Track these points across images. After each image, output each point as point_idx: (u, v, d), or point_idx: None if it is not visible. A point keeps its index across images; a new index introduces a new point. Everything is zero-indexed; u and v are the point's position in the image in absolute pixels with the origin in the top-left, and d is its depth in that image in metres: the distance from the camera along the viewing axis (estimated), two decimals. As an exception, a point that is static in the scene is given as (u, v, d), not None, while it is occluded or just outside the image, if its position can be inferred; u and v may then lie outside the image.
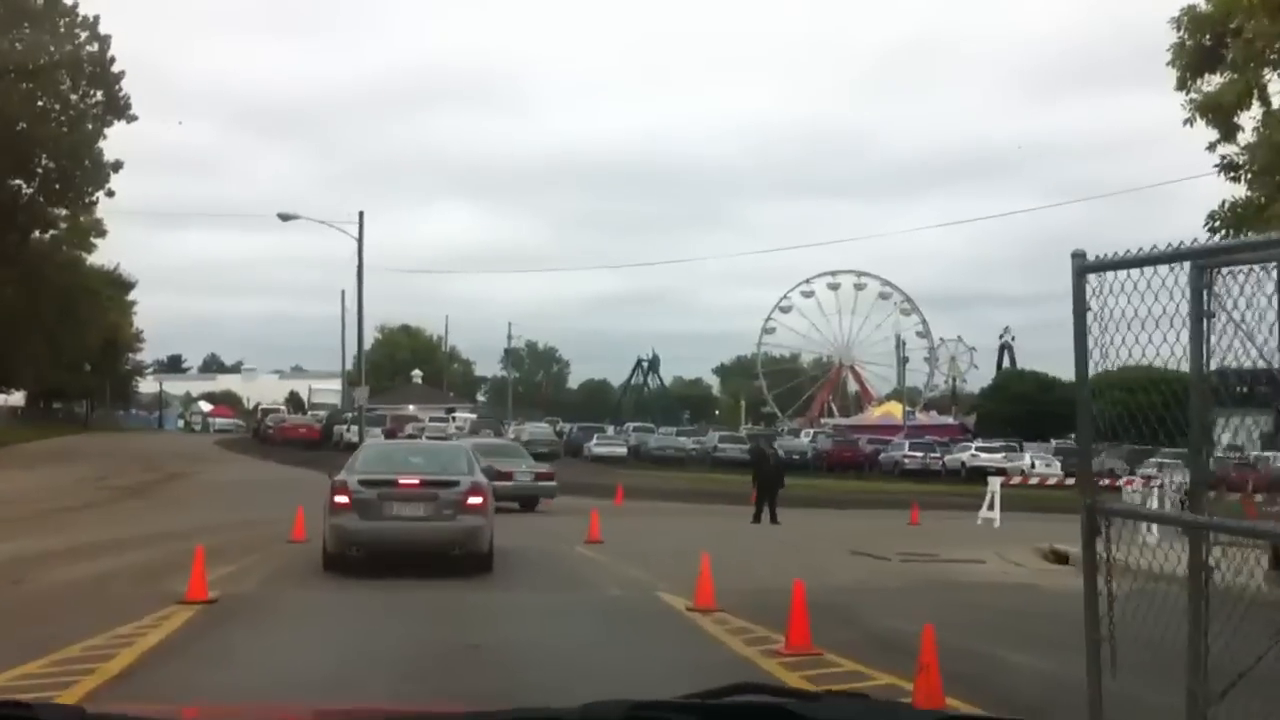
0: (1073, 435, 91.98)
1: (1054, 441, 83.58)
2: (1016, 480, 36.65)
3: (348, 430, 58.36)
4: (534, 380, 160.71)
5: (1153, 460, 62.39)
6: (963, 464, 61.59)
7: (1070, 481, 37.89)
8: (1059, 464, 61.51)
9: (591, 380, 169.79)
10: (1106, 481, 43.49)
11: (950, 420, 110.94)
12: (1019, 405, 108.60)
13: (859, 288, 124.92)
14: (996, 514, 31.72)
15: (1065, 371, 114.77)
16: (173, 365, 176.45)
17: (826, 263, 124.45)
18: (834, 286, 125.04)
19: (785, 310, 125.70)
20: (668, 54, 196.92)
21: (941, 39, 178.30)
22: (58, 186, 52.75)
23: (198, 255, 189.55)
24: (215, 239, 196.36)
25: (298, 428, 63.71)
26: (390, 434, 61.24)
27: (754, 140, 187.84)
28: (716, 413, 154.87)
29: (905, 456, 62.80)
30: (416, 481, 16.53)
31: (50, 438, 67.27)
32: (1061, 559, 20.82)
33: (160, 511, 28.99)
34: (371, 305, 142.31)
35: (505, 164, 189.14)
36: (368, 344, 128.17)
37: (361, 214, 50.13)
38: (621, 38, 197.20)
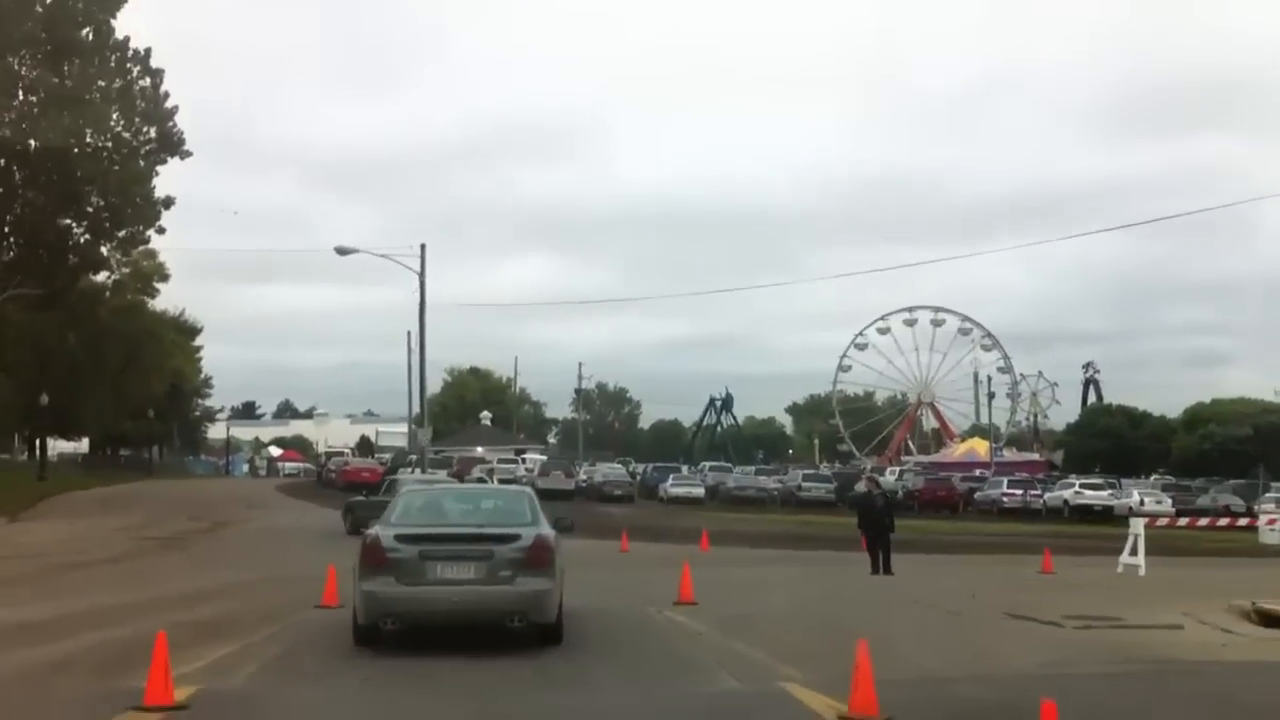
0: (1160, 470, 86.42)
1: (1154, 477, 78.36)
2: (1163, 522, 31.67)
3: (411, 473, 54.78)
4: (605, 422, 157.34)
5: (1270, 495, 57.53)
6: (1065, 502, 56.73)
7: (1222, 522, 33.28)
8: (1169, 501, 56.45)
9: (662, 421, 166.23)
10: (1226, 521, 39.00)
11: (1036, 457, 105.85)
12: (1106, 440, 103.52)
13: (936, 324, 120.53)
14: (1141, 560, 27.08)
15: (1154, 405, 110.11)
16: (246, 412, 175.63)
17: (900, 302, 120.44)
18: (910, 323, 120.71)
19: (861, 347, 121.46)
20: (735, 100, 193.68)
21: (1005, 79, 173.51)
22: (108, 225, 49.74)
23: (278, 306, 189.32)
24: (295, 291, 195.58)
25: (360, 471, 60.10)
26: (458, 476, 57.71)
27: (822, 184, 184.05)
28: (790, 451, 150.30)
29: (1004, 494, 57.93)
30: (466, 535, 13.19)
31: (110, 485, 64.22)
32: (1272, 620, 16.37)
33: (188, 568, 25.24)
34: (442, 351, 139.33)
35: (575, 213, 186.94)
36: (436, 388, 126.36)
37: (423, 246, 46.63)
38: (689, 87, 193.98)
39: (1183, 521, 34.99)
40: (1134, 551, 27.64)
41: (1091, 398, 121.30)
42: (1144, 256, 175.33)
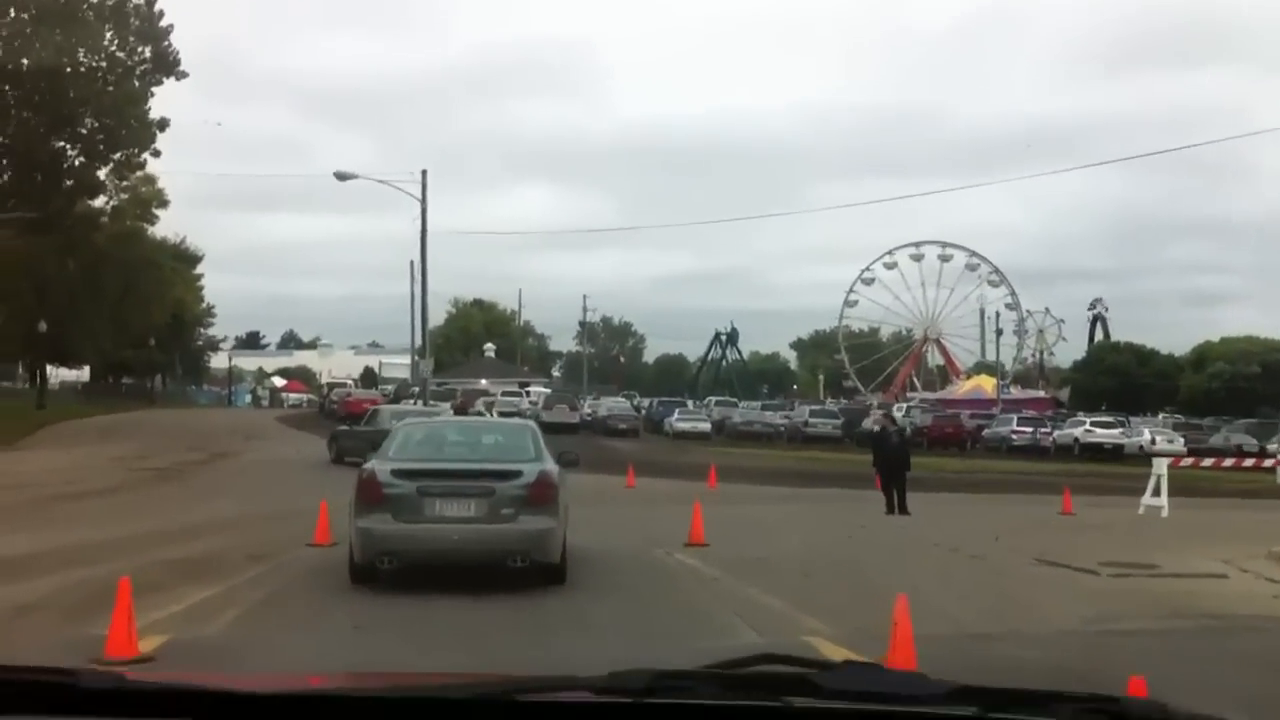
0: (1167, 409, 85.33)
1: (1161, 416, 77.40)
2: (1187, 462, 30.66)
3: (414, 405, 53.80)
4: (609, 355, 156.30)
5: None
6: (1076, 440, 55.76)
7: (1247, 463, 32.33)
8: (1181, 440, 55.50)
9: (667, 355, 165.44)
10: (1252, 461, 37.98)
11: (1042, 394, 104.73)
12: (1114, 378, 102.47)
13: (944, 259, 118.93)
14: (1164, 501, 26.14)
15: (1159, 343, 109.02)
16: (251, 342, 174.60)
17: (902, 238, 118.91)
18: (917, 258, 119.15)
19: (868, 282, 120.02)
20: (736, 35, 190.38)
21: (1008, 13, 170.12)
22: (102, 147, 48.39)
23: (282, 236, 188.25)
24: (299, 221, 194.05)
25: (362, 402, 59.02)
26: (460, 409, 56.52)
27: (822, 118, 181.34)
28: (795, 387, 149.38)
29: (1013, 432, 56.95)
30: (467, 471, 12.77)
31: (111, 414, 63.38)
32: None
33: (182, 501, 24.33)
34: (445, 283, 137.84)
35: (578, 146, 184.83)
36: (440, 320, 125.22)
37: (424, 172, 45.38)
38: (690, 21, 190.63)
39: (1206, 462, 34.04)
40: (1156, 492, 26.70)
41: (1099, 335, 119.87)
42: (1146, 194, 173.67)
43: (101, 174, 51.00)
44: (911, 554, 16.32)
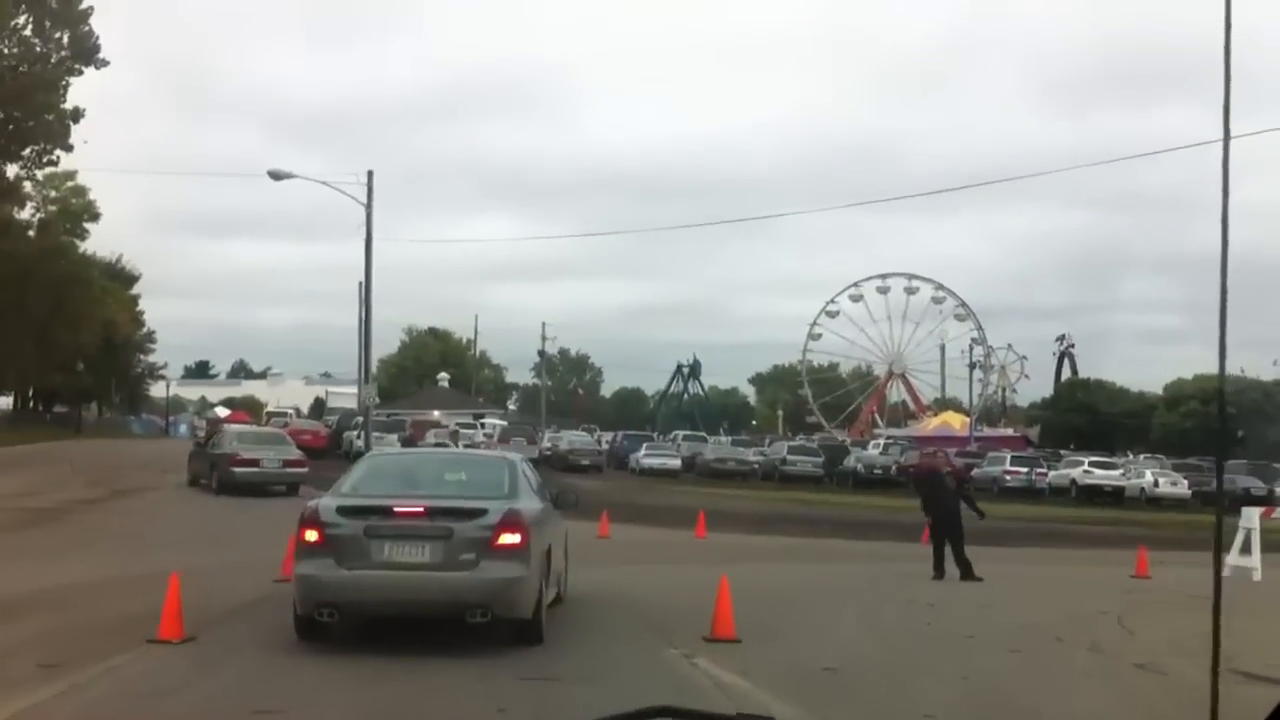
0: (1129, 450, 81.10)
1: (1143, 456, 73.07)
2: (1280, 513, 25.63)
3: (359, 436, 48.28)
4: (566, 388, 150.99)
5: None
6: (1073, 482, 50.96)
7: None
8: (1185, 482, 50.91)
9: (625, 388, 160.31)
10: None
11: (1011, 432, 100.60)
12: (1083, 416, 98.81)
13: (910, 292, 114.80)
14: (1256, 561, 21.15)
15: (1126, 380, 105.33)
16: (200, 371, 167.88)
17: (864, 273, 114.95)
18: (884, 290, 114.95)
19: (833, 315, 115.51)
20: (704, 66, 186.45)
21: (967, 49, 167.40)
22: (12, 146, 42.63)
23: (236, 266, 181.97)
24: (254, 249, 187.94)
25: (301, 433, 53.11)
26: (409, 441, 51.42)
27: (788, 151, 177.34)
28: (754, 423, 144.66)
29: (1006, 473, 51.95)
30: (420, 509, 10.87)
31: (31, 444, 57.09)
32: None
33: (34, 555, 18.69)
34: (400, 311, 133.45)
35: (542, 175, 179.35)
36: (393, 348, 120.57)
37: (370, 174, 40.04)
38: (658, 50, 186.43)
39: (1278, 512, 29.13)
40: (1246, 549, 21.71)
41: (1066, 372, 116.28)
42: (1105, 231, 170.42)
43: (12, 171, 45.00)
44: (1048, 659, 11.08)
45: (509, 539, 10.49)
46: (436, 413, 69.67)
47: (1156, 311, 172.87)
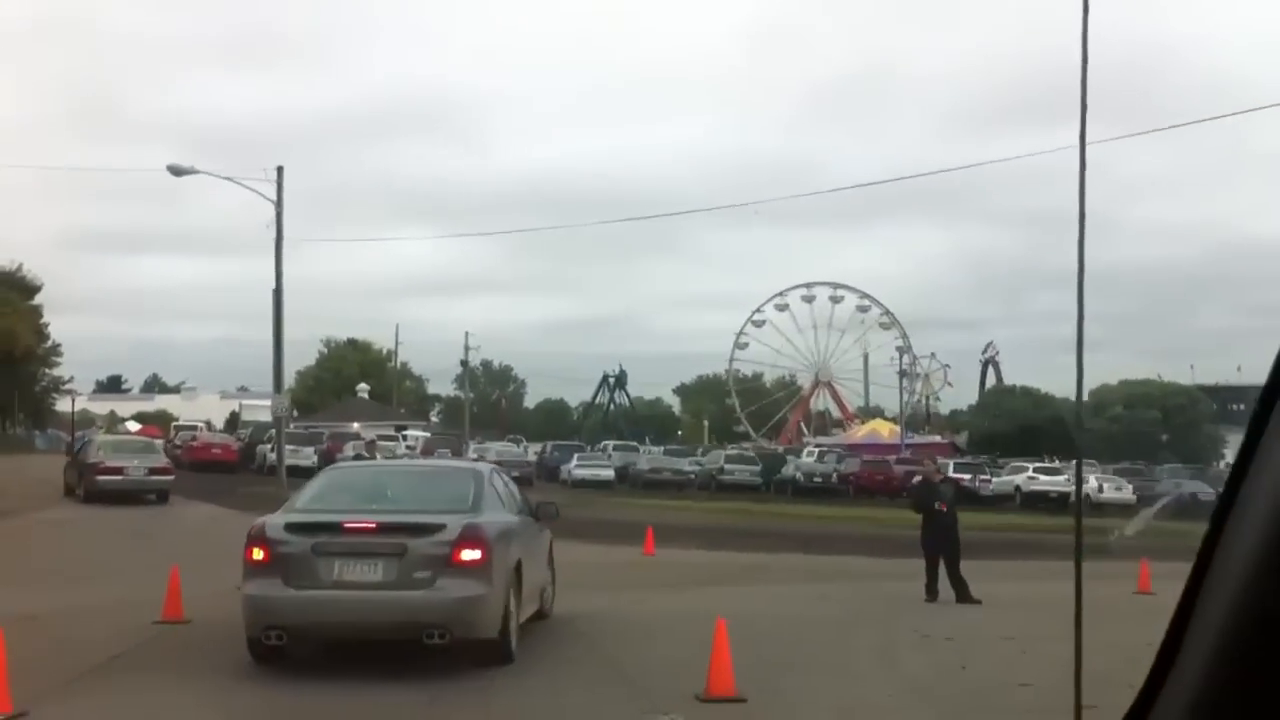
0: (1047, 454, 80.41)
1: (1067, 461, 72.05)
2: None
3: (273, 449, 45.17)
4: (489, 400, 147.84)
5: None
6: (1017, 488, 49.21)
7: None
8: (1130, 488, 49.42)
9: (549, 400, 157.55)
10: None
11: (939, 438, 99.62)
12: (1009, 422, 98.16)
13: (835, 300, 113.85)
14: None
15: (1050, 387, 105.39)
16: (113, 385, 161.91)
17: (782, 286, 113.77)
18: (809, 299, 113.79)
19: (759, 324, 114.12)
20: (622, 89, 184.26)
21: (878, 73, 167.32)
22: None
23: (153, 280, 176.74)
24: (170, 264, 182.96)
25: (210, 447, 49.64)
26: (328, 455, 48.65)
27: (705, 171, 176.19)
28: (680, 433, 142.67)
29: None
30: (371, 525, 10.10)
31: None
32: None
33: None
34: (319, 325, 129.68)
35: (462, 194, 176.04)
36: (311, 360, 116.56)
37: (280, 169, 37.04)
38: (579, 68, 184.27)
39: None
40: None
41: (991, 380, 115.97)
42: (1017, 245, 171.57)
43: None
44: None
45: (469, 555, 10.01)
46: (356, 425, 66.57)
47: (1070, 321, 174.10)
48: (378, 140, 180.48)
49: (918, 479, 18.66)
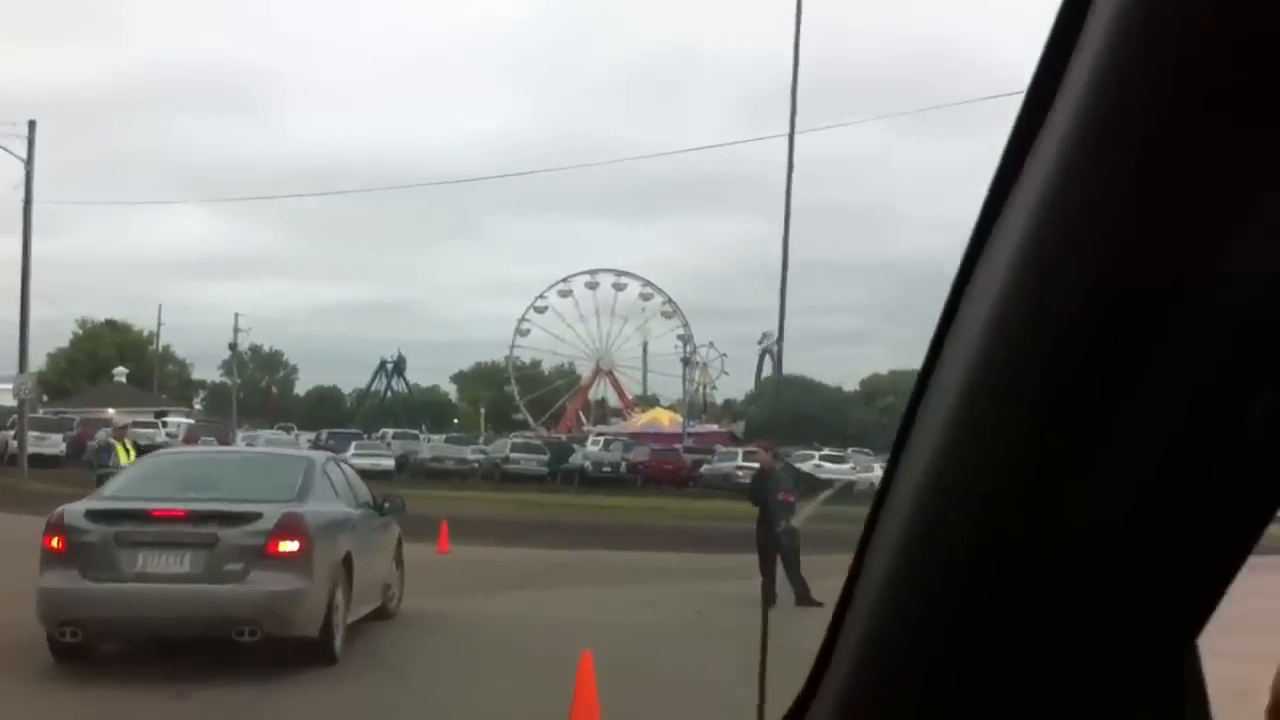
0: (831, 445, 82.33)
1: (851, 449, 73.28)
2: None
3: (15, 436, 41.24)
4: (258, 386, 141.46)
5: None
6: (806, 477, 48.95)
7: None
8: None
9: (320, 386, 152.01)
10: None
11: (718, 427, 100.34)
12: (784, 411, 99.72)
13: (618, 288, 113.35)
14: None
15: (829, 378, 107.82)
16: None
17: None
18: (592, 285, 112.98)
19: (541, 310, 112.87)
20: (415, 70, 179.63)
21: (675, 65, 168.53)
22: None
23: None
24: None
25: None
26: (78, 442, 44.81)
27: (500, 156, 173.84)
28: (456, 420, 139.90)
29: (738, 468, 49.51)
30: (181, 512, 9.65)
31: None
32: None
33: None
34: (80, 307, 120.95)
35: (241, 171, 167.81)
36: (64, 341, 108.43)
37: (32, 124, 33.07)
38: (369, 50, 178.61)
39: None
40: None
41: (768, 369, 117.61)
42: (795, 236, 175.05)
43: None
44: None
45: (286, 546, 9.53)
46: (111, 410, 61.72)
47: (840, 314, 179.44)
48: (156, 115, 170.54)
49: (756, 467, 17.22)
